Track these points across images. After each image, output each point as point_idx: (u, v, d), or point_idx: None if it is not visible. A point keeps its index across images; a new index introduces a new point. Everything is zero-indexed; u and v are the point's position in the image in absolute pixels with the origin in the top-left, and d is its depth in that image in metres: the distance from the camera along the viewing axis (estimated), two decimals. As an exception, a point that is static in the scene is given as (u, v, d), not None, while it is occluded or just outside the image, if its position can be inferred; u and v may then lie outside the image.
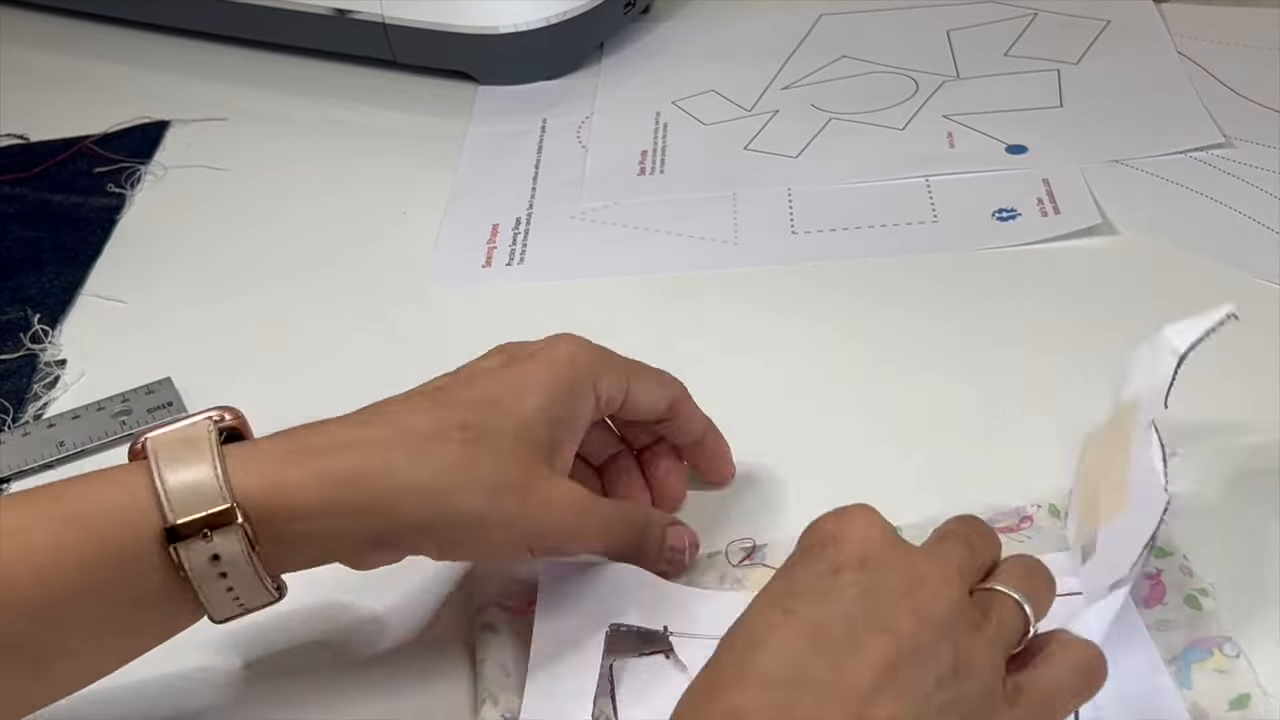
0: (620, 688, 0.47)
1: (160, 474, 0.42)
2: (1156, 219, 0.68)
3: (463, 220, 0.74)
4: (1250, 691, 0.45)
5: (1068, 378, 0.60)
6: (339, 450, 0.44)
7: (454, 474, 0.44)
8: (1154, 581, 0.49)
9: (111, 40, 0.93)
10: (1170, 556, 0.50)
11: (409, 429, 0.45)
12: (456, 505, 0.44)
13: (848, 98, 0.80)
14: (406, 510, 0.44)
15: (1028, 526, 0.52)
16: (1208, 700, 0.45)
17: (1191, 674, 0.46)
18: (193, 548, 0.42)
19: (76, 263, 0.73)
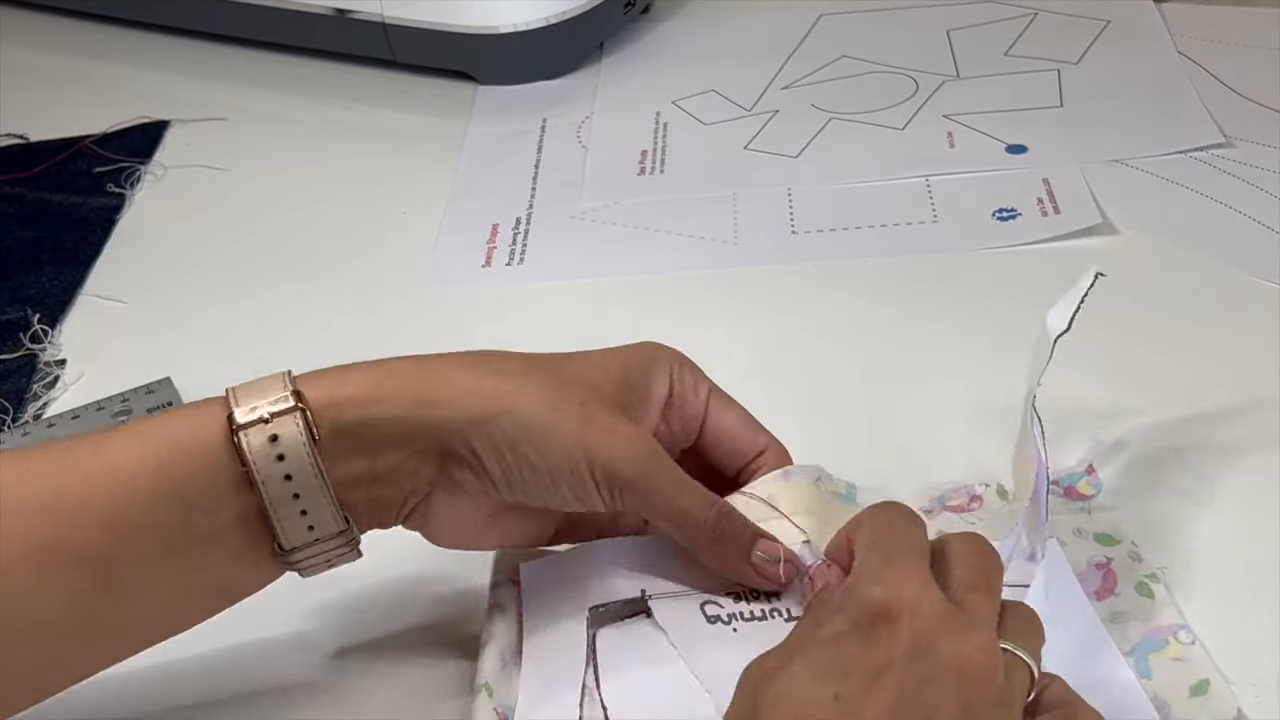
0: (601, 658, 0.46)
1: (234, 390, 0.44)
2: (1156, 219, 0.68)
3: (463, 220, 0.74)
4: (1209, 677, 0.45)
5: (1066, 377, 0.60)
6: (404, 361, 0.45)
7: (516, 381, 0.44)
8: (1105, 570, 0.49)
9: (111, 40, 0.93)
10: (1119, 544, 0.50)
11: (475, 354, 0.46)
12: (517, 405, 0.44)
13: (848, 98, 0.80)
14: (466, 404, 0.44)
15: (977, 507, 0.53)
16: (1168, 690, 0.45)
17: (1150, 664, 0.46)
18: (252, 432, 0.42)
19: (76, 263, 0.73)
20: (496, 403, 0.44)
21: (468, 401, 0.44)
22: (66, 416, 0.62)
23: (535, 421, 0.44)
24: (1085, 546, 0.50)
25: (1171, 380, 0.59)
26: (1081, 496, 0.53)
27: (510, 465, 0.44)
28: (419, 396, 0.44)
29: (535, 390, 0.44)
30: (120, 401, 0.63)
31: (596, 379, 0.46)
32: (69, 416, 0.62)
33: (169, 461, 0.42)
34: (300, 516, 0.43)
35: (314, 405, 0.43)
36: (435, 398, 0.44)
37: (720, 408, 0.50)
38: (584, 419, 0.44)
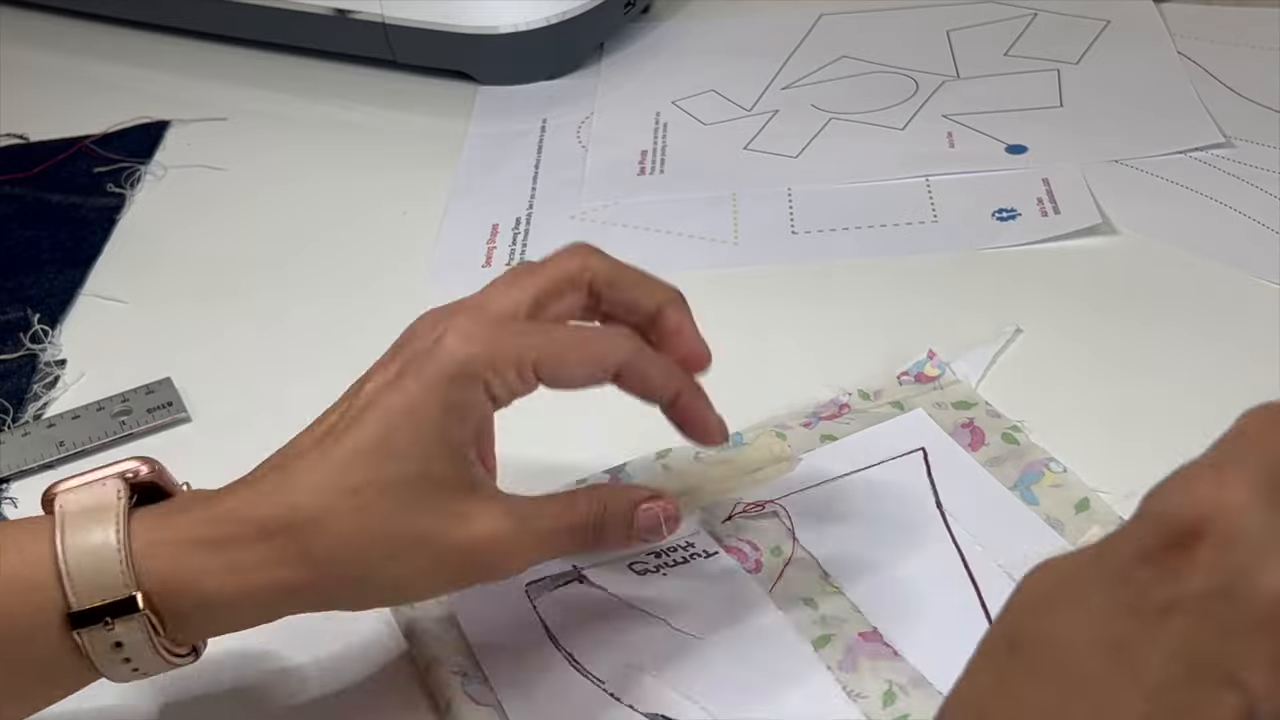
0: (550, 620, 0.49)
1: (64, 548, 0.41)
2: (1156, 219, 0.68)
3: (463, 220, 0.74)
4: (1087, 495, 0.52)
5: (1067, 377, 0.60)
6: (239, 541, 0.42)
7: (353, 550, 0.42)
8: (970, 428, 0.56)
9: (111, 40, 0.93)
10: (975, 406, 0.57)
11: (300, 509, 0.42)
12: (363, 575, 0.42)
13: (848, 98, 0.80)
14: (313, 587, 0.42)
15: (847, 412, 0.57)
16: (1055, 509, 0.52)
17: (1034, 493, 0.53)
18: (95, 634, 0.41)
19: (76, 263, 0.73)
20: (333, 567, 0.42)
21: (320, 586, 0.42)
22: (67, 416, 0.62)
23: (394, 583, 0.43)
24: (947, 414, 0.56)
25: (1171, 380, 0.59)
26: (929, 379, 0.59)
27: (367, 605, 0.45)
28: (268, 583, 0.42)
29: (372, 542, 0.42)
30: (120, 401, 0.63)
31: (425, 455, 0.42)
32: (69, 416, 0.62)
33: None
34: (133, 673, 0.42)
35: (156, 596, 0.41)
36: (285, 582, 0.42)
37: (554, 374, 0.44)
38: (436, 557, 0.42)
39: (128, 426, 0.61)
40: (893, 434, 0.56)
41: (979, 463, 0.54)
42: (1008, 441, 0.55)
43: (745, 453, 0.55)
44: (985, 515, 0.52)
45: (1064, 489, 0.53)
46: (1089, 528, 0.51)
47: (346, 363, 0.65)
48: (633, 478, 0.54)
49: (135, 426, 0.61)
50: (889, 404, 0.57)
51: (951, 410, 0.57)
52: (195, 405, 0.63)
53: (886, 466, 0.55)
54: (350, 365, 0.65)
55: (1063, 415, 0.58)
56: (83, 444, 0.61)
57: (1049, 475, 0.53)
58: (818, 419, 0.57)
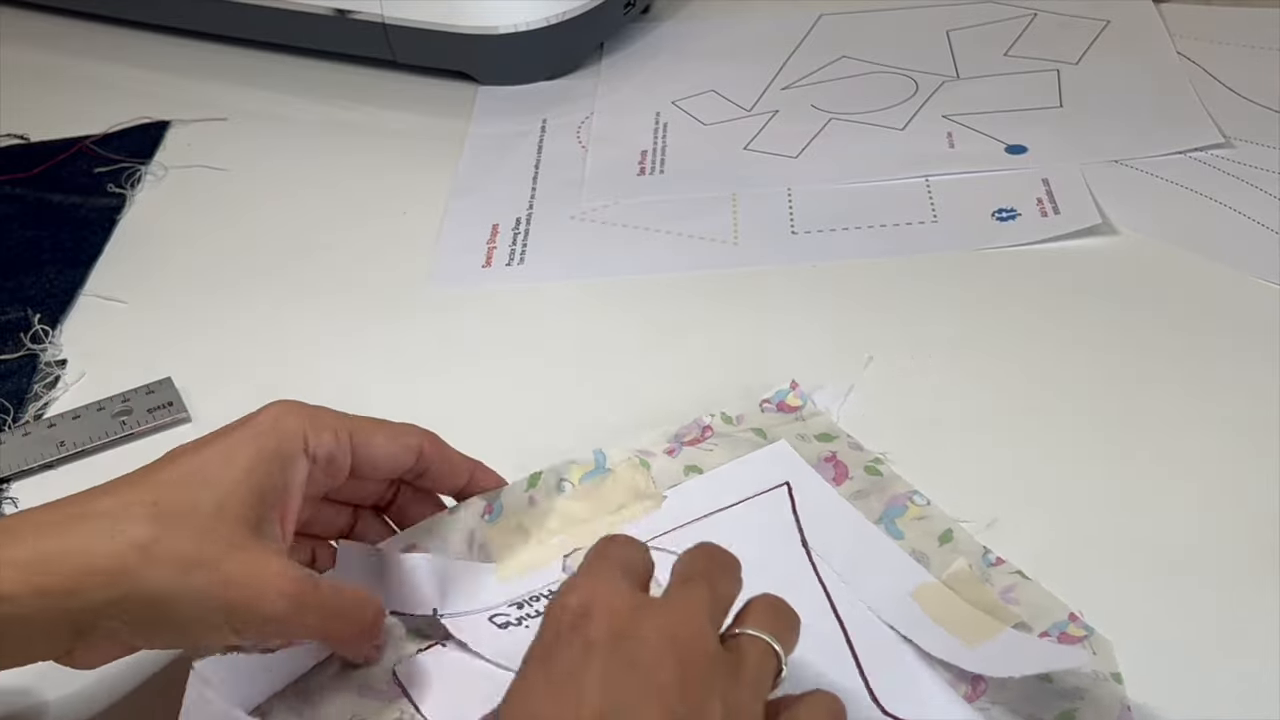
0: (412, 687, 0.48)
1: None
2: (1156, 219, 0.68)
3: (463, 220, 0.74)
4: (950, 527, 0.52)
5: (1067, 377, 0.60)
6: (24, 539, 0.42)
7: (137, 552, 0.42)
8: (833, 461, 0.55)
9: (111, 40, 0.93)
10: (837, 439, 0.56)
11: (94, 511, 0.43)
12: (141, 583, 0.42)
13: (848, 98, 0.80)
14: (90, 590, 0.42)
15: (710, 436, 0.57)
16: (920, 542, 0.51)
17: (898, 527, 0.52)
18: None
19: (76, 263, 0.73)
20: (119, 583, 0.42)
21: (90, 585, 0.42)
22: (67, 416, 0.62)
23: (162, 598, 0.42)
24: (810, 447, 0.56)
25: (1171, 380, 0.59)
26: (791, 409, 0.58)
27: (147, 634, 0.44)
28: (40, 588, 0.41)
29: (164, 556, 0.42)
30: (121, 401, 0.63)
31: (229, 490, 0.44)
32: (69, 416, 0.62)
33: None
34: None
35: None
36: (57, 586, 0.41)
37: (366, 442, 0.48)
38: (215, 579, 0.43)
39: (128, 426, 0.61)
40: (757, 467, 0.55)
41: (843, 496, 0.53)
42: (871, 474, 0.54)
43: (609, 486, 0.54)
44: (851, 551, 0.51)
45: (928, 521, 0.52)
46: (954, 559, 0.50)
47: (346, 362, 0.66)
48: (504, 509, 0.52)
49: (135, 426, 0.61)
50: (751, 430, 0.57)
51: (814, 443, 0.56)
52: (195, 405, 0.63)
53: (751, 504, 0.53)
54: (350, 364, 0.66)
55: (1060, 419, 0.58)
56: (83, 444, 0.61)
57: (913, 508, 0.52)
58: (680, 444, 0.56)
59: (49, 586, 0.42)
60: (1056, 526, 0.52)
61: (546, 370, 0.63)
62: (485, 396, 0.60)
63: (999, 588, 0.49)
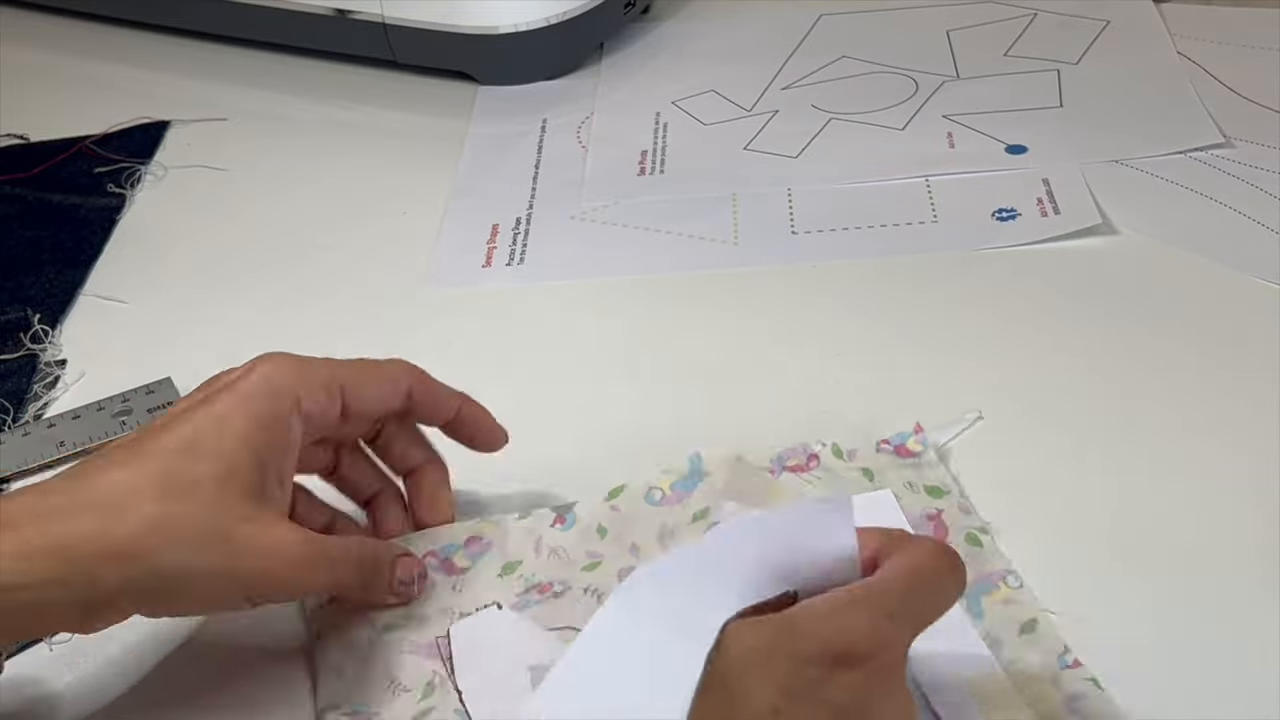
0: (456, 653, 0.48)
1: None
2: (1156, 219, 0.68)
3: (463, 220, 0.74)
4: (1036, 616, 0.48)
5: (1068, 377, 0.60)
6: (33, 522, 0.42)
7: (151, 533, 0.42)
8: (935, 521, 0.52)
9: (111, 40, 0.93)
10: (947, 495, 0.53)
11: (102, 492, 0.43)
12: (157, 564, 0.42)
13: (848, 98, 0.80)
14: (106, 575, 0.42)
15: (815, 466, 0.54)
16: (999, 628, 0.48)
17: (981, 605, 0.49)
18: None
19: (76, 263, 0.73)
20: (135, 566, 0.42)
21: (106, 570, 0.42)
22: (67, 416, 0.62)
23: (178, 576, 0.43)
24: (917, 499, 0.53)
25: (1170, 380, 0.59)
26: (910, 454, 0.54)
27: (164, 609, 0.45)
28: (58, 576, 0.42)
29: (173, 535, 0.43)
30: (121, 401, 0.63)
31: (229, 460, 0.44)
32: (69, 416, 0.62)
33: None
34: None
35: None
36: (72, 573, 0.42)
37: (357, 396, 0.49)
38: (227, 553, 0.43)
39: (128, 426, 0.61)
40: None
41: None
42: (971, 544, 0.51)
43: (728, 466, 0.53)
44: None
45: (1014, 606, 0.49)
46: (1026, 654, 0.47)
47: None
48: (579, 519, 0.53)
49: (135, 426, 0.61)
50: (860, 469, 0.54)
51: (923, 494, 0.53)
52: (195, 405, 0.63)
53: None
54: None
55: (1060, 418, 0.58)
56: (83, 444, 0.61)
57: (1003, 589, 0.49)
58: (782, 467, 0.54)
59: (64, 574, 0.42)
60: (1056, 526, 0.52)
61: (546, 370, 0.63)
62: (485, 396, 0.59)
63: (1065, 693, 0.46)
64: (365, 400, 0.49)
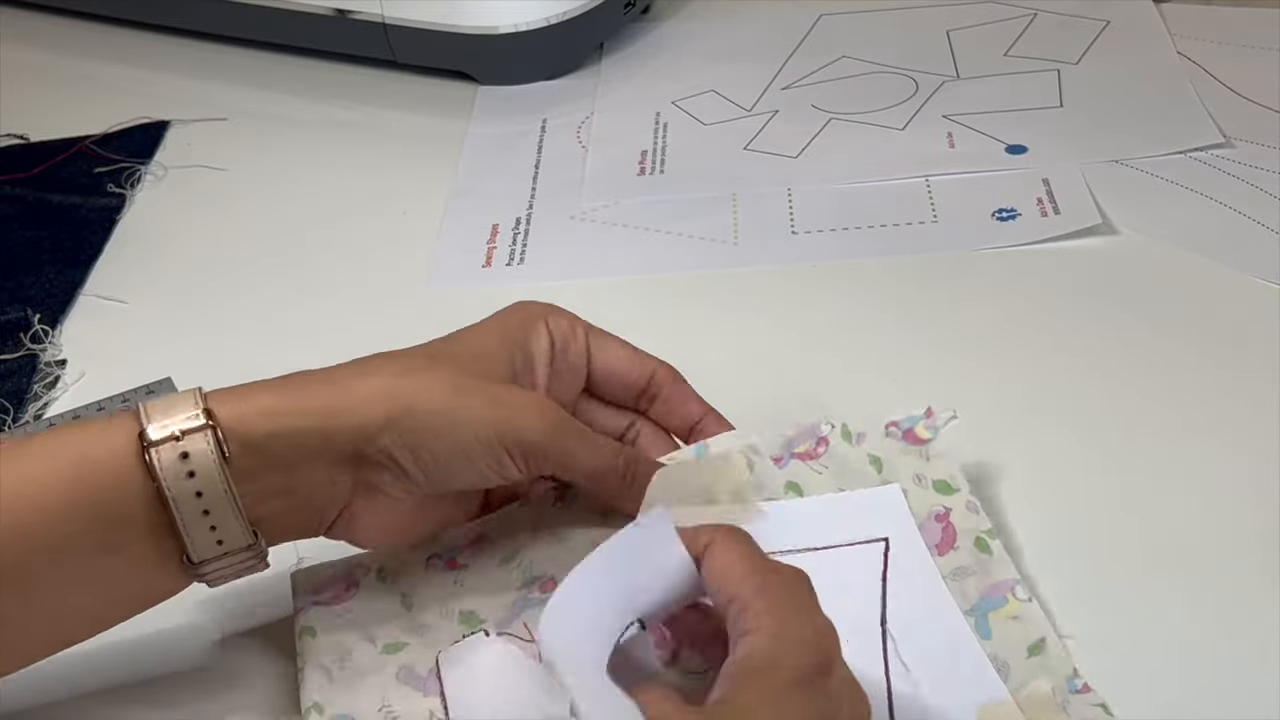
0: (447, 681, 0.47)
1: (146, 405, 0.44)
2: (1156, 219, 0.68)
3: (463, 220, 0.74)
4: (1044, 636, 0.47)
5: (1068, 377, 0.60)
6: (309, 374, 0.47)
7: (414, 377, 0.46)
8: (944, 523, 0.50)
9: (111, 40, 0.93)
10: (956, 493, 0.51)
11: (373, 358, 0.48)
12: (420, 401, 0.45)
13: (848, 98, 0.80)
14: (371, 409, 0.45)
15: (824, 452, 0.53)
16: (1007, 650, 0.47)
17: (990, 623, 0.47)
18: (163, 449, 0.43)
19: (76, 263, 0.73)
20: (400, 402, 0.45)
21: (373, 406, 0.45)
22: (67, 416, 0.62)
23: (441, 411, 0.46)
24: (925, 496, 0.51)
25: (1170, 380, 0.59)
26: (919, 440, 0.53)
27: (425, 459, 0.46)
28: (325, 407, 0.45)
29: (434, 383, 0.46)
30: (120, 401, 0.63)
31: (484, 357, 0.49)
32: (69, 416, 0.62)
33: (81, 474, 0.43)
34: (210, 531, 0.44)
35: (224, 422, 0.44)
36: (341, 406, 0.45)
37: (601, 345, 0.52)
38: (486, 399, 0.47)
39: (128, 426, 0.61)
40: (859, 510, 0.51)
41: (941, 573, 0.49)
42: (980, 549, 0.50)
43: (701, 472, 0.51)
44: (928, 643, 0.47)
45: (1022, 624, 0.47)
46: (1035, 678, 0.46)
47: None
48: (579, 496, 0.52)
49: (135, 426, 0.61)
50: (868, 455, 0.52)
51: (930, 491, 0.51)
52: (195, 405, 0.63)
53: (843, 552, 0.50)
54: (350, 365, 0.65)
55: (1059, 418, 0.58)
56: (83, 444, 0.61)
57: (1011, 602, 0.48)
58: (789, 455, 0.53)
59: (336, 405, 0.45)
60: (1056, 526, 0.52)
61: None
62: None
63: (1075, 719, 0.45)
64: (609, 356, 0.52)
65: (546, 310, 0.52)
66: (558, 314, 0.52)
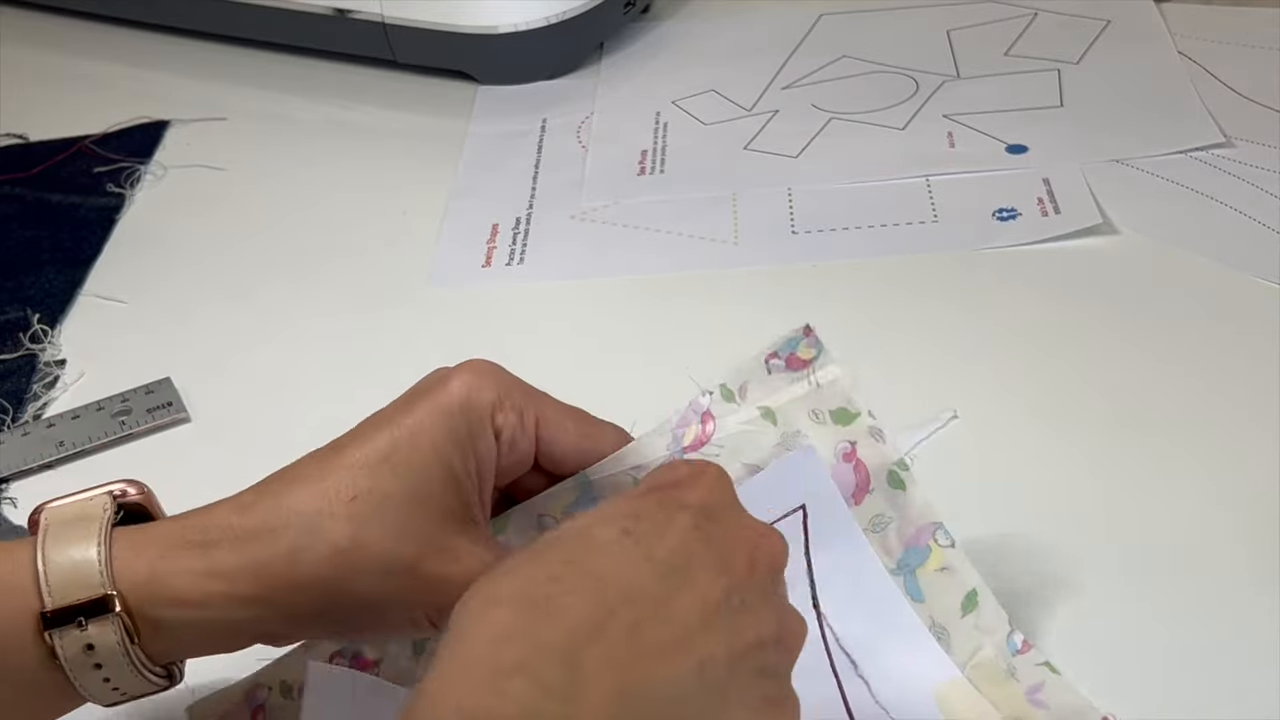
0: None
1: (44, 552, 0.41)
2: (1156, 219, 0.68)
3: (463, 220, 0.74)
4: (974, 586, 0.46)
5: (1068, 377, 0.60)
6: (225, 543, 0.41)
7: (342, 561, 0.41)
8: (854, 462, 0.47)
9: (111, 40, 0.93)
10: (858, 418, 0.48)
11: (295, 512, 0.42)
12: (346, 593, 0.41)
13: (848, 98, 0.80)
14: (294, 602, 0.41)
15: (713, 432, 0.48)
16: (942, 612, 0.46)
17: (919, 583, 0.46)
18: (67, 636, 0.40)
19: (76, 263, 0.73)
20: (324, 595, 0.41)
21: (295, 598, 0.41)
22: (66, 417, 0.62)
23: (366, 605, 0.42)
24: (826, 431, 0.48)
25: (1171, 380, 0.59)
26: (804, 364, 0.49)
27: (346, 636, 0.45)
28: (244, 597, 0.41)
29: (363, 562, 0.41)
30: (120, 401, 0.63)
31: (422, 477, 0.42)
32: (69, 416, 0.62)
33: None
34: (112, 691, 0.42)
35: (133, 603, 0.40)
36: (260, 597, 0.41)
37: (552, 435, 0.46)
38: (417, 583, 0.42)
39: (127, 426, 0.61)
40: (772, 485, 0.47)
41: (861, 528, 0.47)
42: (894, 486, 0.47)
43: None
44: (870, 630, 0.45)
45: (950, 575, 0.46)
46: (977, 640, 0.45)
47: (346, 362, 0.66)
48: None
49: (135, 426, 0.61)
50: (758, 410, 0.48)
51: (830, 425, 0.48)
52: (195, 405, 0.63)
53: None
54: (350, 365, 0.65)
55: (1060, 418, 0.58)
56: (82, 444, 0.61)
57: (935, 552, 0.46)
58: (680, 448, 0.48)
59: (248, 597, 0.41)
60: (1055, 526, 0.52)
61: (545, 370, 0.63)
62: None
63: (1026, 685, 0.45)
64: (554, 441, 0.46)
65: (494, 403, 0.44)
66: (508, 406, 0.44)
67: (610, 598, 0.35)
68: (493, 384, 0.44)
